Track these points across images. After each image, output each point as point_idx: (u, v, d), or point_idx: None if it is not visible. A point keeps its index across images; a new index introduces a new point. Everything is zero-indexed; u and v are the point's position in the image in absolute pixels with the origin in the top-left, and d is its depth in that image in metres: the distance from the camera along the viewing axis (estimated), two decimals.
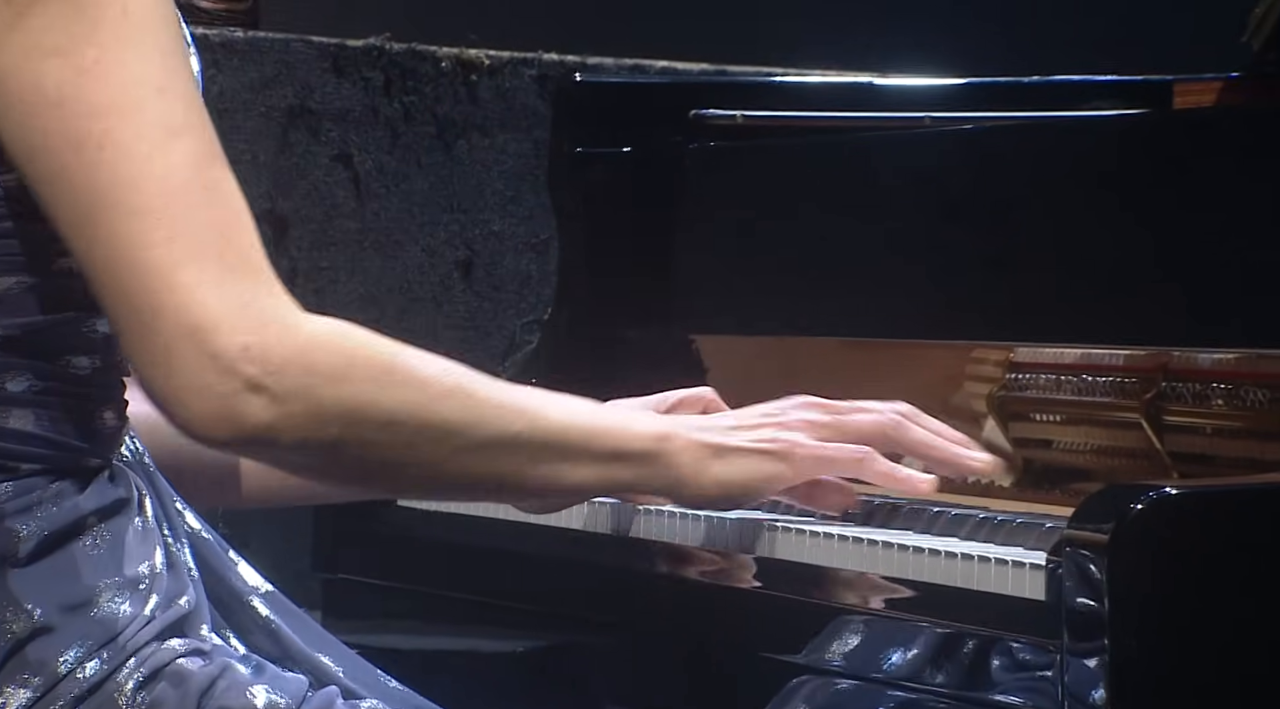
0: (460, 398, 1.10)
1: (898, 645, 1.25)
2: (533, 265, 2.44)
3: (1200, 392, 1.40)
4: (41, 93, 1.05)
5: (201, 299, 1.04)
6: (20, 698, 1.10)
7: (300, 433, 1.06)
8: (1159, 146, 1.45)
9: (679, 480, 1.17)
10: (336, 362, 1.06)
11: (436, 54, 2.46)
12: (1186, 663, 1.15)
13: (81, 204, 1.05)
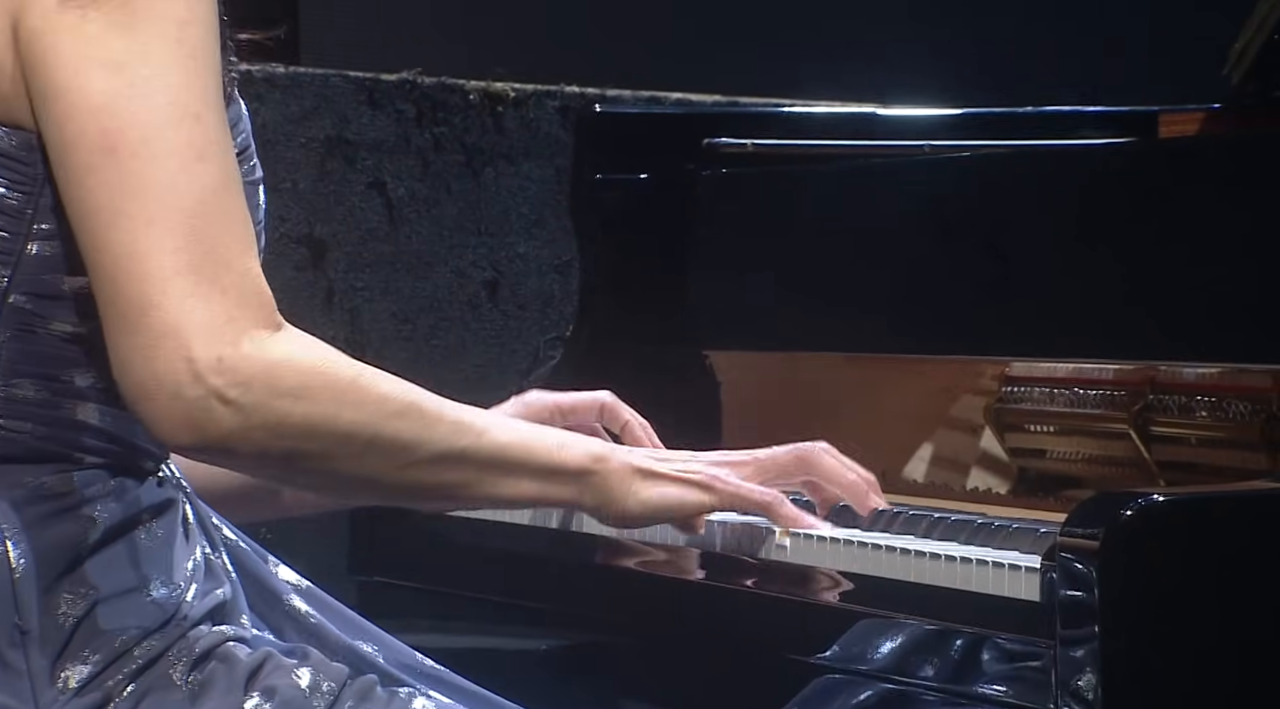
0: (412, 417, 1.12)
1: (902, 644, 1.25)
2: (555, 285, 2.44)
3: (1185, 404, 1.40)
4: (86, 97, 1.07)
5: (190, 307, 1.06)
6: (81, 673, 1.11)
7: (260, 443, 1.08)
8: (1145, 174, 1.45)
9: (608, 500, 1.20)
10: (299, 380, 1.08)
11: (465, 87, 2.47)
12: (1172, 659, 1.15)
13: (103, 201, 1.06)
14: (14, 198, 1.11)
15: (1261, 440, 1.35)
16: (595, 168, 1.79)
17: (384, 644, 1.23)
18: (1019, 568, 1.19)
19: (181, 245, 1.06)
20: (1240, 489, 1.22)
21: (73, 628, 1.11)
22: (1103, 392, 1.45)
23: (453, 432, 1.14)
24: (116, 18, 1.07)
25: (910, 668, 1.25)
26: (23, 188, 1.11)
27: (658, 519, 1.24)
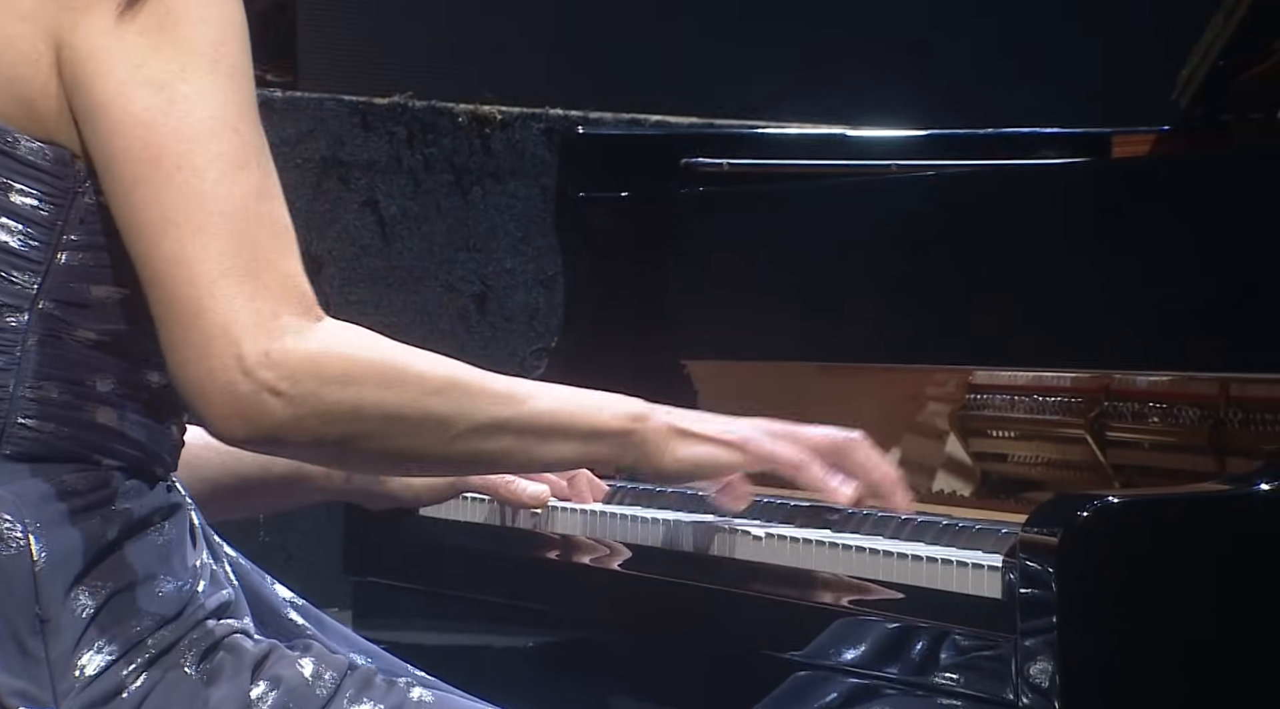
0: (454, 392, 1.13)
1: (872, 639, 1.25)
2: (541, 299, 2.45)
3: (1138, 410, 1.40)
4: (131, 113, 1.08)
5: (238, 307, 1.07)
6: (97, 662, 1.11)
7: (312, 431, 1.09)
8: (1100, 192, 1.46)
9: (645, 456, 1.21)
10: (343, 366, 1.09)
11: (454, 110, 2.48)
12: (1126, 652, 1.15)
13: (151, 212, 1.08)
14: (46, 210, 1.12)
15: (1210, 444, 1.36)
16: (578, 186, 1.78)
17: (377, 656, 1.24)
18: (982, 566, 1.19)
19: (225, 249, 1.07)
20: (1190, 491, 1.22)
21: (90, 618, 1.12)
22: (1060, 398, 1.45)
23: (494, 403, 1.14)
24: (158, 40, 1.08)
25: (880, 662, 1.25)
26: (55, 201, 1.12)
27: (693, 476, 1.23)
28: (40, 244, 1.12)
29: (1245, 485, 1.18)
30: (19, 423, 1.12)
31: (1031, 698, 1.15)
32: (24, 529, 1.11)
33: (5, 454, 1.12)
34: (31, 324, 1.12)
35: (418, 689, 1.18)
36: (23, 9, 1.10)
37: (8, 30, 1.11)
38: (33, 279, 1.12)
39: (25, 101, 1.11)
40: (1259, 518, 1.17)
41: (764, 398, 1.61)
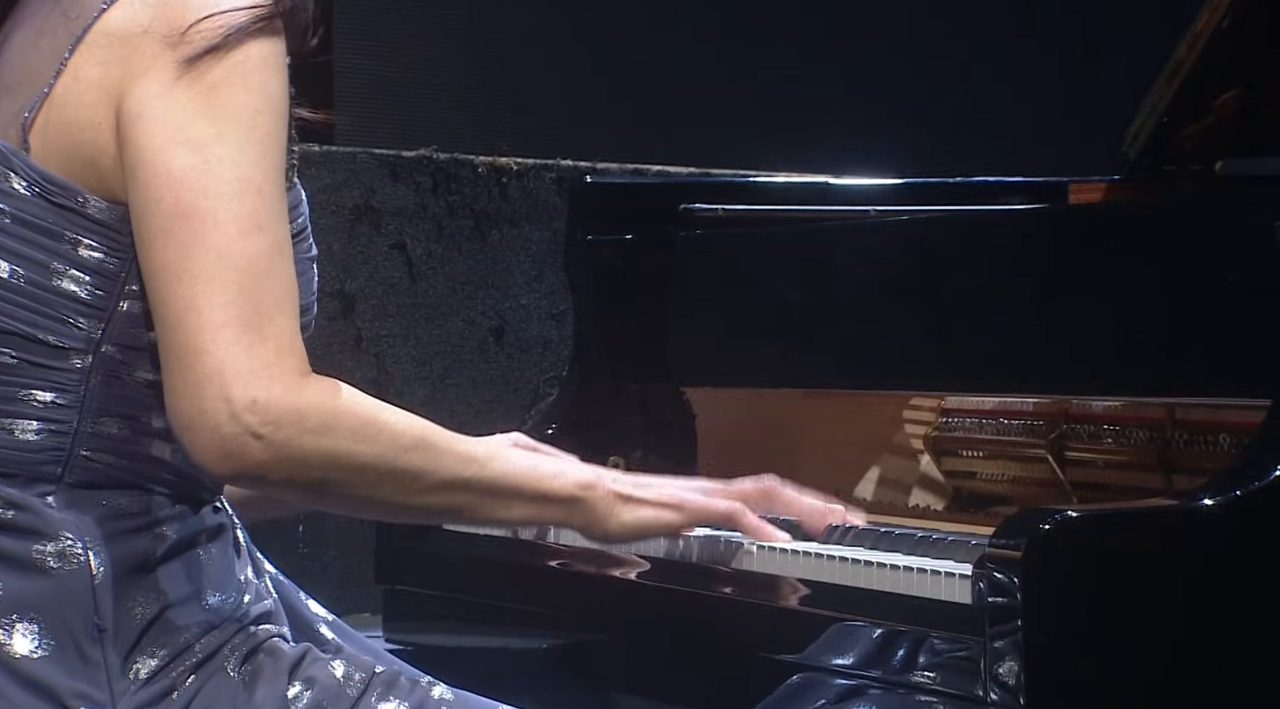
0: (422, 450, 1.14)
1: (853, 642, 1.26)
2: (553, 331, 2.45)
3: (1094, 432, 1.41)
4: (168, 169, 1.09)
5: (234, 354, 1.07)
6: (150, 665, 1.12)
7: (286, 473, 1.10)
8: (1058, 234, 1.47)
9: (593, 522, 1.22)
10: (323, 419, 1.10)
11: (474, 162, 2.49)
12: (1084, 652, 1.15)
13: (171, 259, 1.09)
14: (111, 262, 1.13)
15: (1158, 463, 1.36)
16: (587, 230, 1.78)
17: (399, 666, 1.24)
18: (954, 575, 1.20)
19: (232, 301, 1.08)
20: (1141, 506, 1.22)
21: (143, 627, 1.13)
22: (1024, 421, 1.46)
23: (458, 462, 1.15)
24: (201, 105, 1.09)
25: (861, 662, 1.25)
26: (118, 254, 1.13)
27: (637, 537, 1.25)
28: (104, 294, 1.12)
29: (1190, 500, 1.18)
30: (81, 454, 1.13)
31: (1000, 695, 1.15)
32: (84, 547, 1.12)
33: (68, 482, 1.13)
34: (95, 366, 1.13)
35: (439, 688, 1.19)
36: (92, 78, 1.11)
37: (77, 98, 1.11)
38: (97, 325, 1.13)
39: (92, 163, 1.12)
40: (1202, 530, 1.17)
41: (755, 422, 1.62)
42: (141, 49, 1.10)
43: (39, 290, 1.12)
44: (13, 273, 1.12)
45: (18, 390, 1.13)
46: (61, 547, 1.12)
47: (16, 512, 1.12)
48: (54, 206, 1.12)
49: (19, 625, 1.11)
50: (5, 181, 1.12)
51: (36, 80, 1.13)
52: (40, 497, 1.13)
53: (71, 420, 1.13)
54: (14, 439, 1.13)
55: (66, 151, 1.12)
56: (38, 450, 1.13)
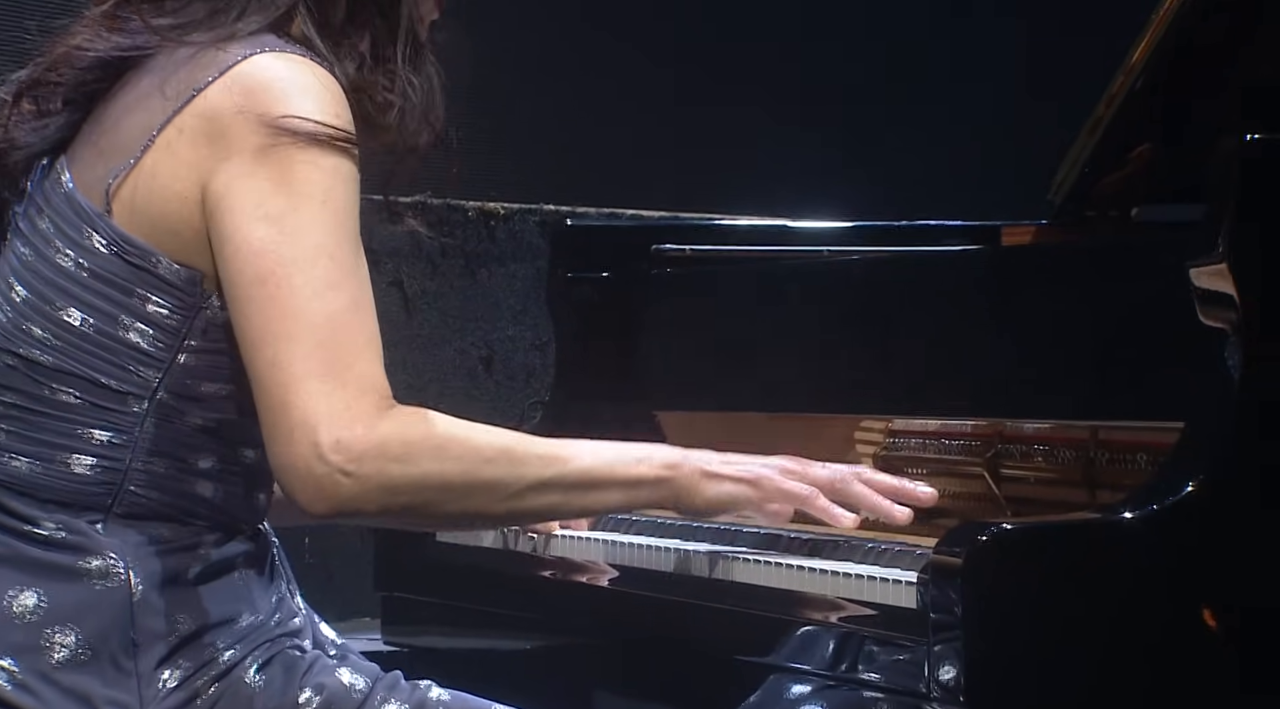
0: (503, 460, 1.14)
1: (809, 643, 1.26)
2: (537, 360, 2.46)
3: (1026, 452, 1.41)
4: (249, 242, 1.10)
5: (316, 404, 1.08)
6: (176, 676, 1.13)
7: (380, 502, 1.11)
8: (993, 272, 1.48)
9: (681, 497, 1.22)
10: (403, 448, 1.10)
11: (465, 206, 2.50)
12: (1019, 653, 1.16)
13: (256, 323, 1.10)
14: (174, 319, 1.14)
15: (1083, 480, 1.37)
16: (567, 268, 1.79)
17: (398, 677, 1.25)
18: (901, 582, 1.20)
19: (310, 355, 1.09)
20: (1068, 519, 1.23)
21: (176, 644, 1.13)
22: (963, 442, 1.47)
23: (541, 466, 1.15)
24: (278, 183, 1.11)
25: (815, 662, 1.26)
26: (182, 312, 1.14)
27: (722, 510, 1.24)
28: (165, 346, 1.13)
29: (1112, 514, 1.19)
30: (130, 489, 1.14)
31: (939, 692, 1.16)
32: (125, 566, 1.13)
33: (116, 513, 1.14)
34: (150, 410, 1.14)
35: (436, 690, 1.19)
36: (181, 155, 1.12)
37: (165, 172, 1.12)
38: (155, 374, 1.13)
39: (173, 232, 1.13)
40: (1123, 540, 1.18)
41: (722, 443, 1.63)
42: (230, 133, 1.11)
43: (106, 339, 1.13)
44: (83, 321, 1.13)
45: (77, 428, 1.14)
46: (106, 564, 1.13)
47: (67, 532, 1.13)
48: (129, 265, 1.13)
49: (60, 635, 1.12)
50: (87, 239, 1.13)
51: (127, 150, 1.14)
52: (89, 523, 1.13)
53: (124, 458, 1.14)
54: (70, 472, 1.13)
55: (153, 218, 1.13)
56: (91, 483, 1.14)
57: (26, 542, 1.13)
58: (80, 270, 1.13)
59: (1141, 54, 1.49)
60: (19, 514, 1.13)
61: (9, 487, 1.14)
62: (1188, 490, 1.18)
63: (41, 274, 1.14)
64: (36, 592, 1.12)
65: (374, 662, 1.21)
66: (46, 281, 1.14)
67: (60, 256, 1.13)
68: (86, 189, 1.14)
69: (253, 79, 1.12)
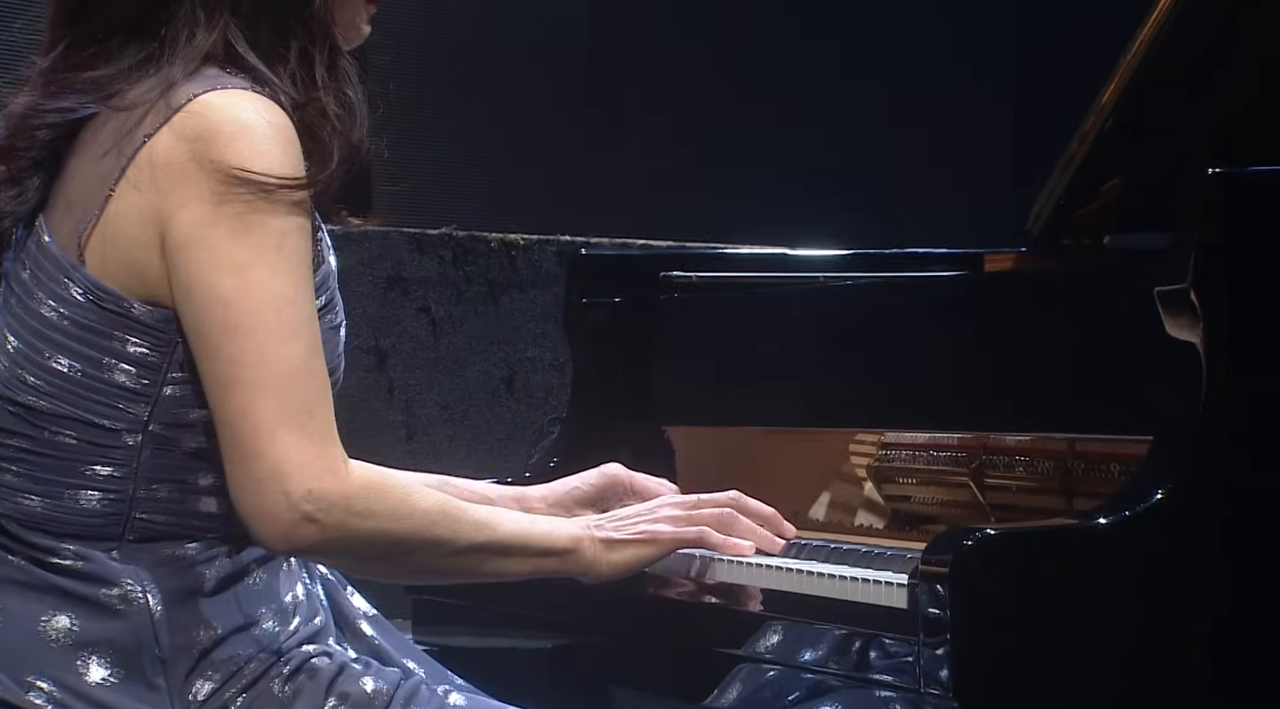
0: (445, 522, 1.16)
1: (807, 642, 1.27)
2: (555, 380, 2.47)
3: (1008, 462, 1.41)
4: (215, 293, 1.10)
5: (288, 454, 1.09)
6: (205, 688, 1.13)
7: (337, 549, 1.12)
8: (977, 297, 1.49)
9: (586, 568, 1.24)
10: (366, 504, 1.12)
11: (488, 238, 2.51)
12: (1003, 650, 1.16)
13: (224, 371, 1.10)
14: (154, 357, 1.14)
15: (1061, 489, 1.37)
16: (582, 294, 1.79)
17: (427, 664, 1.25)
18: (893, 584, 1.21)
19: (280, 406, 1.09)
20: (1047, 525, 1.24)
21: (199, 655, 1.13)
22: (950, 453, 1.47)
23: (474, 529, 1.17)
24: (236, 231, 1.10)
25: (815, 660, 1.26)
26: (160, 349, 1.14)
27: (624, 575, 1.27)
28: (149, 382, 1.13)
29: (1088, 520, 1.20)
30: (137, 517, 1.14)
31: (930, 685, 1.16)
32: (142, 590, 1.13)
33: (128, 539, 1.14)
34: (144, 442, 1.14)
35: (455, 696, 1.19)
36: (135, 202, 1.11)
37: (125, 219, 1.12)
38: (144, 409, 1.14)
39: (139, 274, 1.12)
40: (1099, 543, 1.18)
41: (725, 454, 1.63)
42: (186, 181, 1.10)
43: (94, 382, 1.13)
44: (71, 367, 1.13)
45: (79, 466, 1.14)
46: (124, 591, 1.13)
47: (86, 563, 1.13)
48: (105, 311, 1.13)
49: (93, 658, 1.12)
50: (65, 290, 1.14)
51: (91, 202, 1.13)
52: (105, 551, 1.13)
53: (127, 489, 1.14)
54: (79, 507, 1.14)
55: (121, 264, 1.13)
56: (99, 515, 1.14)
57: (50, 571, 1.13)
58: (62, 320, 1.13)
59: (1111, 96, 1.50)
60: (39, 546, 1.14)
61: (25, 523, 1.14)
62: (1157, 498, 1.19)
63: (29, 325, 1.14)
64: (69, 616, 1.12)
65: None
66: (34, 332, 1.14)
67: (43, 308, 1.13)
68: (62, 241, 1.13)
69: (202, 124, 1.09)
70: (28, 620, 1.13)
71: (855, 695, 1.23)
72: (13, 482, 1.15)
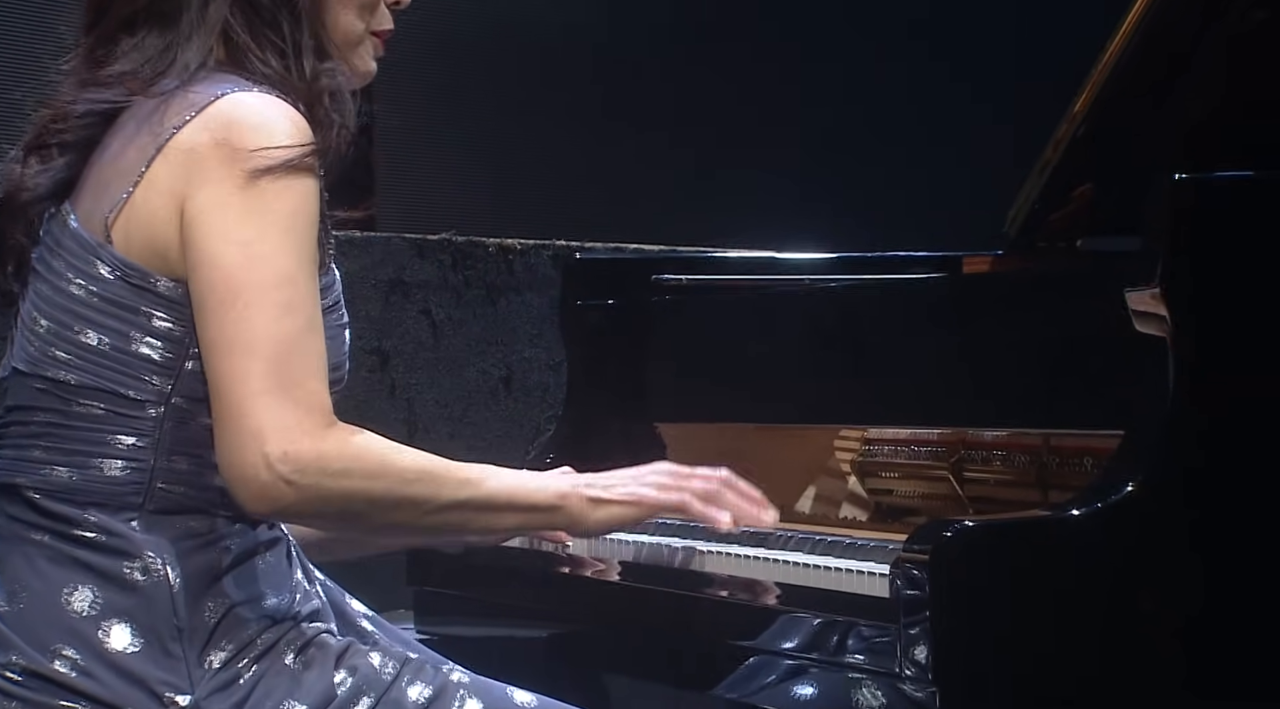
0: (425, 481, 1.16)
1: (794, 629, 1.27)
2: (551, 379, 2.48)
3: (985, 457, 1.42)
4: (220, 265, 1.12)
5: (270, 416, 1.10)
6: (220, 658, 1.15)
7: (314, 509, 1.13)
8: (956, 297, 1.50)
9: (571, 521, 1.23)
10: (342, 464, 1.12)
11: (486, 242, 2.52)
12: (980, 636, 1.17)
13: (219, 337, 1.11)
14: (178, 330, 1.16)
15: (1036, 482, 1.38)
16: (577, 296, 1.80)
17: (426, 653, 1.26)
18: (875, 574, 1.22)
19: (268, 372, 1.11)
20: (1023, 517, 1.25)
21: (214, 626, 1.15)
22: (930, 448, 1.48)
23: (457, 487, 1.17)
24: (247, 211, 1.13)
25: (800, 646, 1.27)
26: (183, 324, 1.16)
27: (608, 531, 1.27)
28: (173, 356, 1.15)
29: (1062, 511, 1.21)
30: (158, 486, 1.16)
31: (911, 670, 1.18)
32: (163, 562, 1.15)
33: (148, 509, 1.15)
34: (166, 414, 1.16)
35: (457, 673, 1.20)
36: (161, 186, 1.14)
37: (152, 202, 1.15)
38: (167, 381, 1.16)
39: (161, 252, 1.15)
40: (1072, 534, 1.20)
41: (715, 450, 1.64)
42: (206, 164, 1.13)
43: (121, 354, 1.15)
44: (100, 340, 1.15)
45: (106, 436, 1.16)
46: (145, 563, 1.15)
47: (109, 536, 1.15)
48: (132, 287, 1.15)
49: (115, 628, 1.14)
50: (93, 268, 1.16)
51: (120, 186, 1.16)
52: (126, 522, 1.15)
53: (149, 459, 1.16)
54: (103, 476, 1.16)
55: (144, 243, 1.15)
56: (123, 484, 1.16)
57: (74, 544, 1.14)
58: (91, 296, 1.15)
59: (1083, 105, 1.51)
60: (65, 518, 1.15)
61: (53, 494, 1.15)
62: (1128, 490, 1.20)
63: (59, 304, 1.16)
64: (91, 589, 1.14)
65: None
66: (64, 310, 1.16)
67: (73, 286, 1.16)
68: (89, 225, 1.16)
69: (226, 114, 1.13)
70: (52, 593, 1.14)
71: (839, 680, 1.24)
72: (41, 456, 1.16)
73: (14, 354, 1.20)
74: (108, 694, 1.13)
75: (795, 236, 2.01)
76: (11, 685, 1.14)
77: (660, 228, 2.60)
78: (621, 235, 2.56)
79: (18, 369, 1.19)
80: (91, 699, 1.13)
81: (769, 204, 2.68)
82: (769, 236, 2.21)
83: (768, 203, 2.68)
